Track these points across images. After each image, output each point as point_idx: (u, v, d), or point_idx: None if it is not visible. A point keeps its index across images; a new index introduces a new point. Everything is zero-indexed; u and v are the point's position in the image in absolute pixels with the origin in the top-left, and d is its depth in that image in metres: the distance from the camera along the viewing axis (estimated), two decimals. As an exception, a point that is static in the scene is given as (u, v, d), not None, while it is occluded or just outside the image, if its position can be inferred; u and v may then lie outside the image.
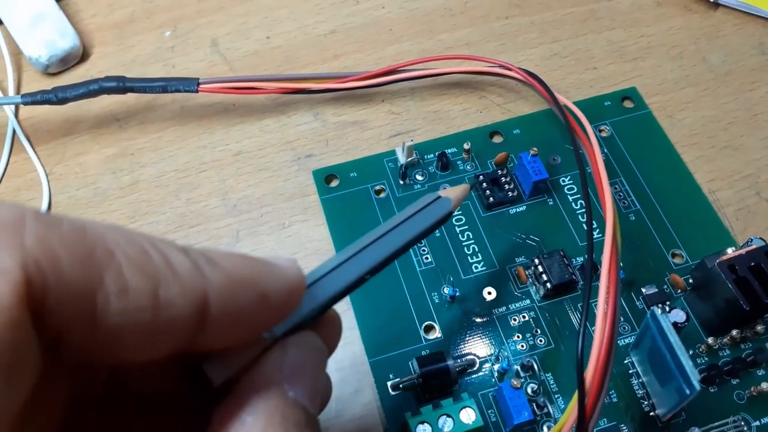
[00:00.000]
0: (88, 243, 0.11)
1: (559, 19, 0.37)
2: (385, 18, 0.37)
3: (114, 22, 0.38)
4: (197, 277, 0.12)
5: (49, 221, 0.11)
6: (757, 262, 0.24)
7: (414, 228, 0.19)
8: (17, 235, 0.10)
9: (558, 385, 0.25)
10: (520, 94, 0.34)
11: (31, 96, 0.31)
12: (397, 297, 0.27)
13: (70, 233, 0.11)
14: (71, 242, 0.11)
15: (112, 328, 0.11)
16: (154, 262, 0.12)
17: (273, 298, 0.14)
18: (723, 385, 0.25)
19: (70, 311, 0.11)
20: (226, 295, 0.13)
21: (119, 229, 0.12)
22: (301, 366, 0.15)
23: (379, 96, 0.34)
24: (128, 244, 0.12)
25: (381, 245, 0.18)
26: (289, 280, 0.14)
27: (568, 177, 0.31)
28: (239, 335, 0.14)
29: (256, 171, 0.32)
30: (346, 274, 0.17)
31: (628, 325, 0.27)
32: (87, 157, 0.32)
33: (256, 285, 0.14)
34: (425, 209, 0.20)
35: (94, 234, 0.11)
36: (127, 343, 0.12)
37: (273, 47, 0.36)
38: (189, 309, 0.12)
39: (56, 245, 0.11)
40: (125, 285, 0.11)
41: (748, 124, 0.33)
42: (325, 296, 0.16)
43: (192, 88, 0.31)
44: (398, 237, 0.18)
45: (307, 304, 0.15)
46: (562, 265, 0.27)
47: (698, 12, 0.37)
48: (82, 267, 0.11)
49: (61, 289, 0.11)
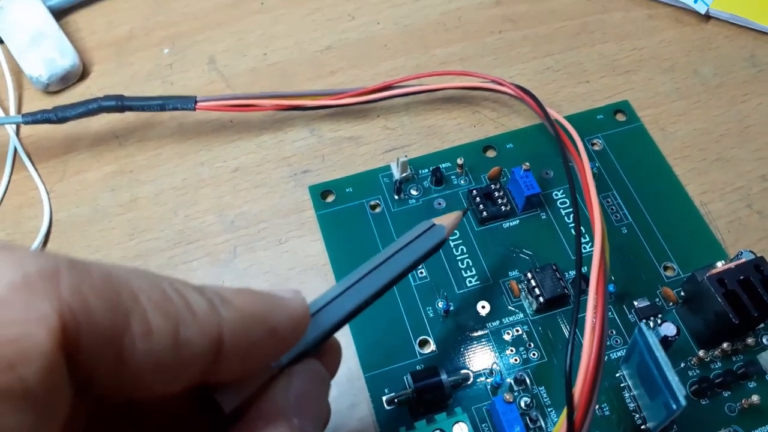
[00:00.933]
0: (116, 289, 0.12)
1: (551, 34, 0.38)
2: (380, 34, 0.38)
3: (113, 39, 0.38)
4: (213, 316, 0.13)
5: (81, 269, 0.12)
6: (746, 276, 0.25)
7: (410, 256, 0.20)
8: (54, 285, 0.11)
9: (551, 399, 0.26)
10: (513, 109, 0.34)
11: (31, 115, 0.31)
12: (391, 311, 0.28)
13: (100, 280, 0.12)
14: (101, 289, 0.12)
15: (137, 366, 0.12)
16: (175, 304, 0.13)
17: (281, 330, 0.15)
18: (714, 397, 0.25)
19: (100, 353, 0.12)
20: (239, 331, 0.14)
21: (142, 273, 0.13)
22: (306, 395, 0.16)
23: (374, 112, 0.35)
24: (151, 288, 0.12)
25: (379, 273, 0.19)
26: (296, 312, 0.15)
27: (561, 191, 0.31)
28: (250, 366, 0.15)
29: (254, 187, 0.32)
30: (346, 302, 0.18)
31: (621, 338, 0.27)
32: (87, 174, 0.33)
33: (266, 320, 0.14)
34: (421, 237, 0.21)
35: (120, 279, 0.12)
36: (150, 379, 0.13)
37: (270, 64, 0.37)
38: (206, 346, 0.13)
39: (88, 293, 0.11)
40: (150, 327, 0.12)
41: (739, 137, 0.33)
42: (327, 325, 0.17)
43: (190, 106, 0.32)
44: (396, 265, 0.19)
45: (311, 333, 0.16)
46: (555, 279, 0.27)
47: (690, 25, 0.38)
48: (112, 312, 0.12)
49: (93, 334, 0.11)
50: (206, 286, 0.14)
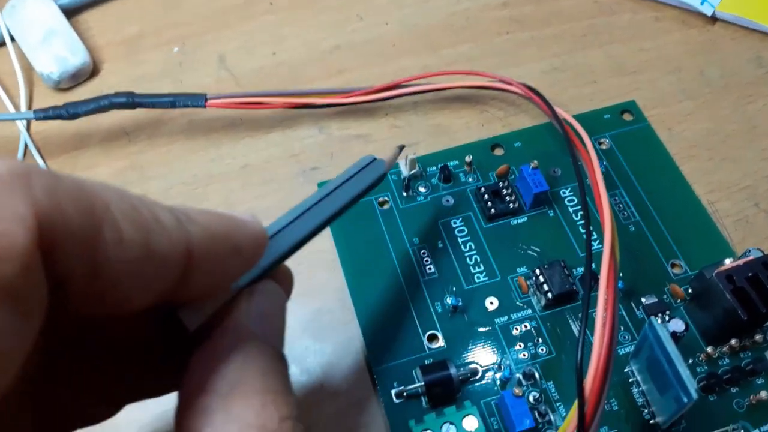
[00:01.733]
0: (87, 196, 0.12)
1: (558, 34, 0.38)
2: (388, 34, 0.38)
3: (123, 38, 0.39)
4: (181, 230, 0.14)
5: (52, 175, 0.12)
6: (754, 273, 0.25)
7: (355, 188, 0.21)
8: (27, 185, 0.11)
9: (559, 393, 0.26)
10: (521, 108, 0.35)
11: (43, 111, 0.32)
12: (400, 307, 0.28)
13: (71, 186, 0.12)
14: (73, 194, 0.12)
15: (109, 274, 0.12)
16: (145, 216, 0.13)
17: (243, 249, 0.16)
18: (722, 393, 0.25)
19: (75, 257, 0.12)
20: (205, 246, 0.14)
21: (111, 187, 0.13)
22: (267, 312, 0.17)
23: (382, 110, 0.35)
24: (121, 199, 0.13)
25: (327, 204, 0.20)
26: (256, 233, 0.16)
27: (568, 189, 0.31)
28: (214, 284, 0.15)
29: (263, 183, 0.32)
30: (298, 229, 0.19)
31: (629, 334, 0.27)
32: (97, 170, 0.33)
33: (230, 238, 0.15)
34: (363, 170, 0.22)
35: (92, 189, 0.12)
36: (122, 290, 0.13)
37: (278, 63, 0.37)
38: (176, 258, 0.13)
39: (61, 196, 0.11)
40: (122, 235, 0.12)
41: (746, 137, 0.33)
42: (282, 249, 0.18)
43: (200, 104, 0.32)
44: (341, 196, 0.21)
45: (267, 257, 0.17)
46: (563, 275, 0.27)
47: (696, 26, 0.38)
48: (84, 218, 0.12)
49: (67, 237, 0.11)
50: (172, 206, 0.14)
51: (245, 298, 0.16)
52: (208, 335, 0.16)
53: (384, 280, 0.29)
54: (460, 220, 0.30)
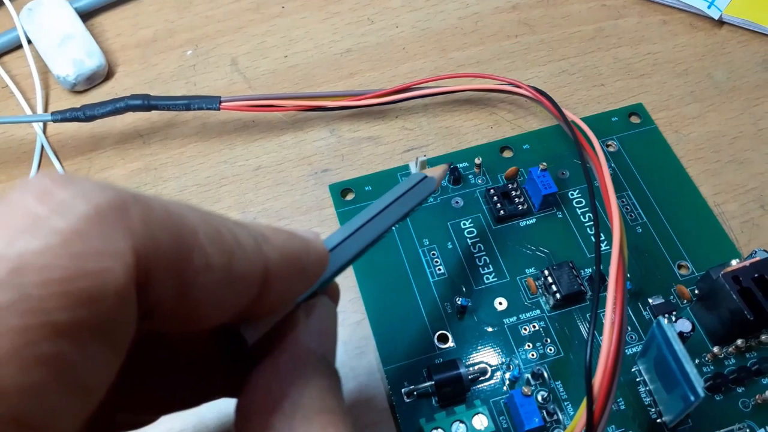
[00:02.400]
0: (177, 223, 0.12)
1: (567, 38, 0.38)
2: (399, 37, 0.39)
3: (138, 41, 0.39)
4: (260, 252, 0.14)
5: (144, 202, 0.12)
6: (761, 274, 0.25)
7: (405, 205, 0.22)
8: (125, 218, 0.11)
9: (567, 393, 0.26)
10: (530, 111, 0.35)
11: (60, 114, 0.32)
12: (411, 307, 0.28)
13: (163, 214, 0.12)
14: (165, 223, 0.12)
15: (196, 298, 0.13)
16: (228, 240, 0.13)
17: (309, 269, 0.16)
18: (728, 393, 0.26)
19: (166, 287, 0.12)
20: (279, 267, 0.14)
21: (194, 209, 0.13)
22: (324, 328, 0.17)
23: (392, 113, 0.35)
24: (205, 223, 0.13)
25: (380, 220, 0.20)
26: (320, 253, 0.16)
27: (577, 191, 0.32)
28: (282, 302, 0.16)
29: (275, 185, 0.33)
30: (352, 245, 0.19)
31: (636, 334, 0.27)
32: (112, 171, 0.34)
33: (299, 258, 0.15)
34: (414, 188, 0.23)
35: (179, 214, 0.12)
36: (204, 311, 0.13)
37: (290, 66, 0.38)
38: (254, 280, 0.14)
39: (155, 227, 0.12)
40: (209, 261, 0.12)
41: (753, 139, 0.34)
42: (337, 265, 0.18)
43: (214, 106, 0.32)
44: (394, 213, 0.21)
45: (324, 274, 0.17)
46: (571, 276, 0.28)
47: (703, 30, 0.38)
48: (176, 246, 0.12)
49: (161, 268, 0.12)
50: (247, 224, 0.14)
51: (303, 314, 0.17)
52: (265, 349, 0.16)
53: (394, 281, 0.29)
54: (470, 222, 0.31)
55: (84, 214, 0.11)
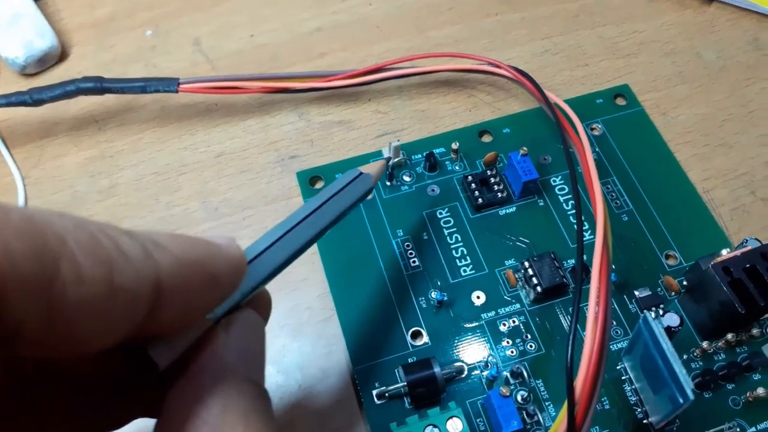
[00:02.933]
0: (40, 231, 0.10)
1: (550, 15, 0.36)
2: (372, 15, 0.37)
3: (94, 21, 0.37)
4: (149, 261, 0.12)
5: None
6: (752, 264, 0.24)
7: (340, 204, 0.20)
8: None
9: (549, 392, 0.24)
10: (510, 92, 0.33)
11: (5, 98, 0.30)
12: (383, 302, 0.27)
13: (21, 223, 0.10)
14: (23, 232, 0.10)
15: (68, 318, 0.11)
16: (106, 248, 0.11)
17: (220, 278, 0.14)
18: (718, 390, 0.24)
19: (28, 305, 0.10)
20: (176, 278, 0.13)
21: (65, 215, 0.11)
22: (247, 344, 0.15)
23: (365, 95, 0.33)
24: (78, 230, 0.11)
25: (312, 222, 0.19)
26: (234, 259, 0.15)
27: (559, 177, 0.30)
28: (187, 317, 0.14)
29: (239, 173, 0.31)
30: (280, 252, 0.17)
31: (621, 329, 0.26)
32: (64, 160, 0.32)
33: (204, 266, 0.14)
34: (350, 185, 0.21)
35: (44, 222, 0.11)
36: (81, 332, 0.11)
37: (257, 45, 0.36)
38: (143, 294, 0.12)
39: (9, 237, 0.10)
40: (81, 273, 0.11)
41: (743, 122, 0.32)
42: (262, 275, 0.17)
43: (172, 89, 0.30)
44: (327, 214, 0.20)
45: (246, 283, 0.16)
46: (553, 267, 0.26)
47: (692, 7, 0.36)
48: (38, 258, 0.10)
49: (19, 283, 0.10)
50: (137, 231, 0.13)
51: (222, 329, 0.15)
52: (183, 369, 0.14)
53: (366, 275, 0.27)
54: (446, 211, 0.29)
55: None
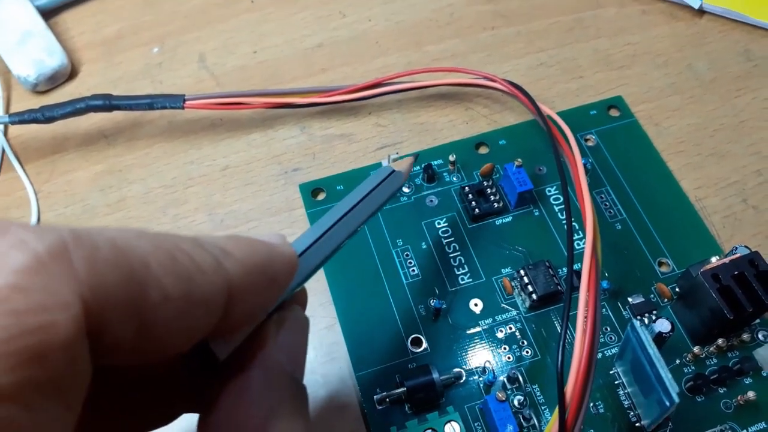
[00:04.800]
0: (126, 258, 0.11)
1: (545, 29, 0.37)
2: (372, 31, 0.38)
3: (102, 39, 0.38)
4: (220, 271, 0.13)
5: (87, 241, 0.11)
6: (740, 271, 0.24)
7: (375, 202, 0.21)
8: (67, 263, 0.10)
9: (544, 397, 0.25)
10: (506, 105, 0.34)
11: (18, 115, 0.31)
12: (383, 310, 0.27)
13: (108, 251, 0.11)
14: (112, 261, 0.11)
15: (156, 332, 0.12)
16: (183, 264, 0.12)
17: (278, 278, 0.15)
18: (710, 394, 0.25)
19: (122, 328, 0.11)
20: (244, 282, 0.14)
21: (144, 235, 0.12)
22: (296, 343, 0.16)
23: (365, 109, 0.34)
24: (157, 250, 0.12)
25: (350, 219, 0.20)
26: (288, 258, 0.16)
27: (554, 187, 0.31)
28: (250, 316, 0.15)
29: (243, 185, 0.32)
30: (323, 247, 0.18)
31: (615, 335, 0.27)
32: (75, 174, 0.33)
33: (266, 269, 0.15)
34: (383, 183, 0.22)
35: (127, 246, 0.11)
36: (167, 342, 0.12)
37: (260, 61, 0.37)
38: (218, 302, 0.13)
39: (102, 267, 0.11)
40: (166, 293, 0.12)
41: (734, 131, 0.33)
42: (308, 271, 0.17)
43: (178, 105, 0.31)
44: (363, 210, 0.20)
45: (294, 280, 0.16)
46: (548, 275, 0.27)
47: (683, 20, 0.37)
48: (128, 285, 0.11)
49: (113, 310, 0.11)
50: (204, 239, 0.14)
51: (274, 326, 0.16)
52: (233, 363, 0.15)
53: (367, 284, 0.28)
54: (445, 221, 0.30)
55: (22, 266, 0.10)
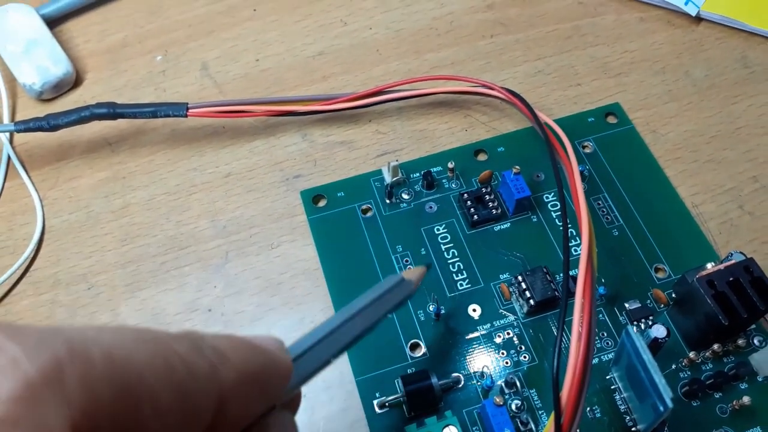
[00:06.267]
0: (121, 373, 0.11)
1: (543, 37, 0.38)
2: (372, 39, 0.38)
3: (106, 47, 0.38)
4: (215, 379, 0.13)
5: (82, 357, 0.11)
6: (735, 277, 0.25)
7: (381, 309, 0.20)
8: (60, 388, 0.10)
9: (542, 402, 0.26)
10: (504, 113, 0.34)
11: (24, 123, 0.32)
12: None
13: (103, 367, 0.11)
14: (107, 378, 0.11)
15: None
16: (180, 374, 0.12)
17: (271, 387, 0.15)
18: (706, 399, 0.25)
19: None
20: (236, 390, 0.14)
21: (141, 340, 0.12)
22: None
23: (366, 116, 0.35)
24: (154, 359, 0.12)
25: (353, 325, 0.19)
26: (284, 370, 0.15)
27: (552, 194, 0.31)
28: (240, 421, 0.15)
29: (245, 192, 0.32)
30: (320, 353, 0.18)
31: (611, 340, 0.27)
32: (80, 181, 0.33)
33: (259, 378, 0.15)
34: (392, 291, 0.21)
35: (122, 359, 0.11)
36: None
37: (262, 69, 0.37)
38: (209, 410, 0.13)
39: (96, 386, 0.11)
40: (159, 405, 0.12)
41: (730, 138, 0.33)
42: (302, 376, 0.17)
43: (181, 113, 0.32)
44: (368, 317, 0.20)
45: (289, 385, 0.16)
46: (545, 281, 0.27)
47: (681, 27, 0.38)
48: (122, 402, 0.11)
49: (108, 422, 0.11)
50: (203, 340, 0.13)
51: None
52: None
53: (366, 288, 0.28)
54: (444, 227, 0.30)
55: (12, 395, 0.10)
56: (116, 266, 0.30)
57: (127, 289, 0.30)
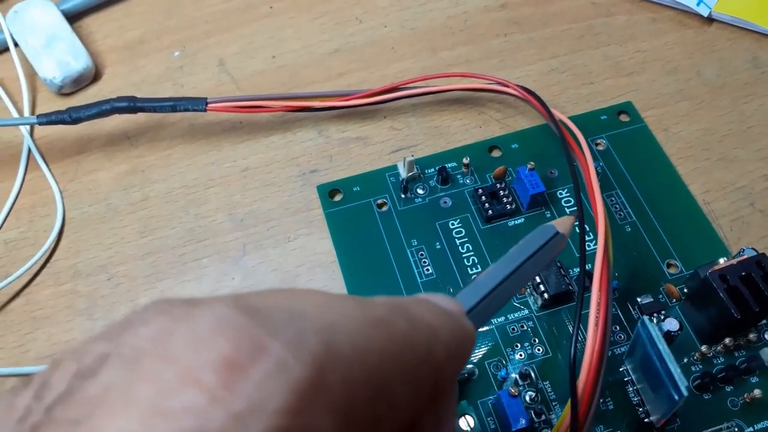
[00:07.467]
0: (371, 371, 0.10)
1: (557, 36, 0.38)
2: (388, 37, 0.39)
3: (125, 43, 0.39)
4: (431, 360, 0.12)
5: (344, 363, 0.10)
6: (747, 272, 0.25)
7: (536, 268, 0.19)
8: (327, 395, 0.09)
9: (555, 393, 0.26)
10: (518, 110, 0.35)
11: (46, 116, 0.32)
12: (398, 308, 0.28)
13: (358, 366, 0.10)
14: (363, 382, 0.10)
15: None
16: (409, 361, 0.11)
17: (465, 362, 0.14)
18: (717, 392, 0.26)
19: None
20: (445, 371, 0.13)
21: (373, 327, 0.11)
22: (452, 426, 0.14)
23: (381, 113, 0.35)
24: (387, 344, 0.11)
25: (510, 285, 0.18)
26: (471, 337, 0.14)
27: (565, 190, 0.31)
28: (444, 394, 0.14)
29: (263, 186, 0.33)
30: (481, 314, 0.16)
31: (624, 334, 0.27)
32: (99, 174, 0.34)
33: (461, 353, 0.13)
34: (545, 247, 0.20)
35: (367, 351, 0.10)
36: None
37: (279, 66, 0.38)
38: (427, 394, 0.12)
39: (356, 392, 0.10)
40: (394, 402, 0.11)
41: (742, 137, 0.34)
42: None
43: (201, 108, 0.32)
44: (524, 276, 0.19)
45: None
46: (559, 275, 0.28)
47: (692, 27, 0.38)
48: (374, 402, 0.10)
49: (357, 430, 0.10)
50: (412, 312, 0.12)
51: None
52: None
53: (383, 282, 0.29)
54: (458, 222, 0.31)
55: (284, 408, 0.09)
56: (135, 258, 0.31)
57: (147, 280, 0.30)
